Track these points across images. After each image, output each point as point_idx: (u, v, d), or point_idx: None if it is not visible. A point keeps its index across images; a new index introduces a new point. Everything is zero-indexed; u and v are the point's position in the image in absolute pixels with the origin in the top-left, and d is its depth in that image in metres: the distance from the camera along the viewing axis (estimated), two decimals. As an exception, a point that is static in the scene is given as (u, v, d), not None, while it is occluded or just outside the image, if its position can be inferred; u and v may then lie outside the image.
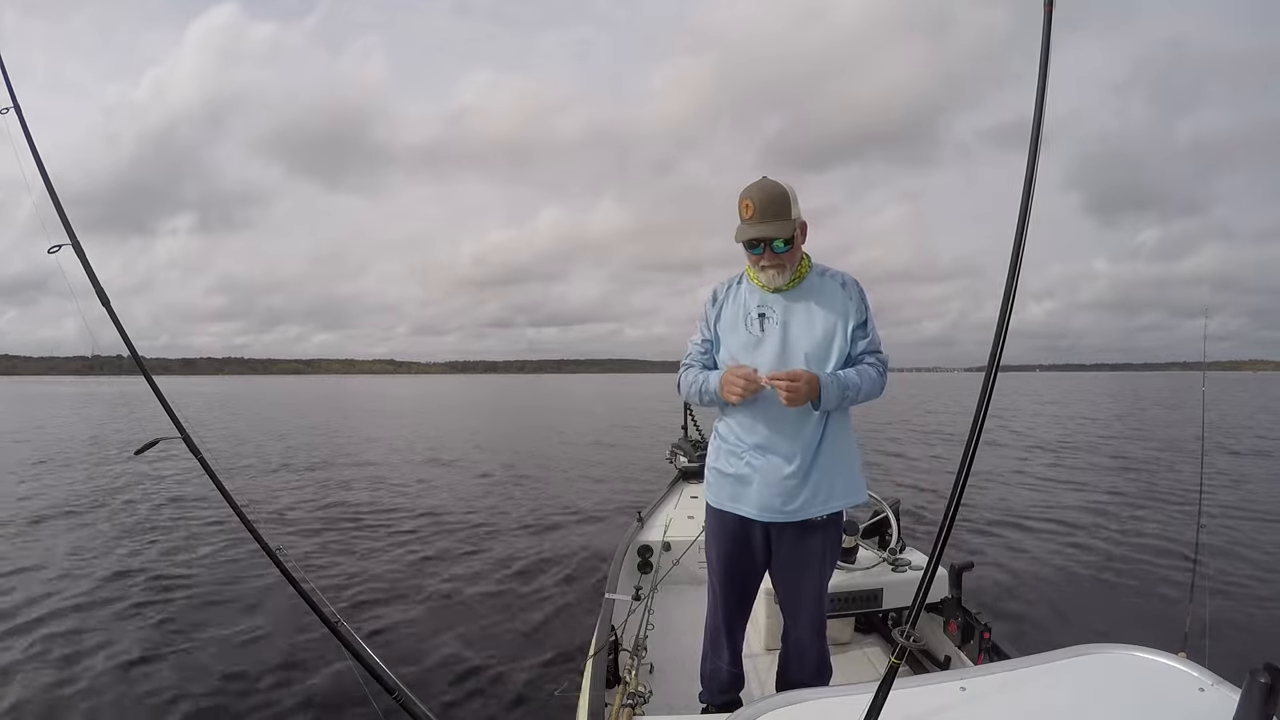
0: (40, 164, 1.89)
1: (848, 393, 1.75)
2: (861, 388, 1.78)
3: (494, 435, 16.69)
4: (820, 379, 1.71)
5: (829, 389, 1.72)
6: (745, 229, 1.77)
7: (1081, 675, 1.21)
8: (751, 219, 1.76)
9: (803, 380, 1.67)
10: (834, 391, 1.73)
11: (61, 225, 1.87)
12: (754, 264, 1.84)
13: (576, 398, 41.55)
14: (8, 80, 1.85)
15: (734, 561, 1.92)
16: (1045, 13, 1.18)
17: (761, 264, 1.81)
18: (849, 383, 1.76)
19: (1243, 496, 7.91)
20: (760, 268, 1.82)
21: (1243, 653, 3.56)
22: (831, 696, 1.19)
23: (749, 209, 1.76)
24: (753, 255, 1.81)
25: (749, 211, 1.76)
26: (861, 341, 1.84)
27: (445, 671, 3.43)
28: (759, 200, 1.75)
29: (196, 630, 3.90)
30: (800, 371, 1.70)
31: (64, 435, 15.27)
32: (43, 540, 5.94)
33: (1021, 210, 1.19)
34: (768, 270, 1.81)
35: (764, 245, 1.77)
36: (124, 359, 1.92)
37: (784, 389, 1.66)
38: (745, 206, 1.76)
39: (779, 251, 1.78)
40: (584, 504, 7.72)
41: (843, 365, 1.82)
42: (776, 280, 1.82)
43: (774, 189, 1.75)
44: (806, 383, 1.67)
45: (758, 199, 1.75)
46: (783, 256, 1.79)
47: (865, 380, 1.79)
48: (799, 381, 1.66)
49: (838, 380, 1.74)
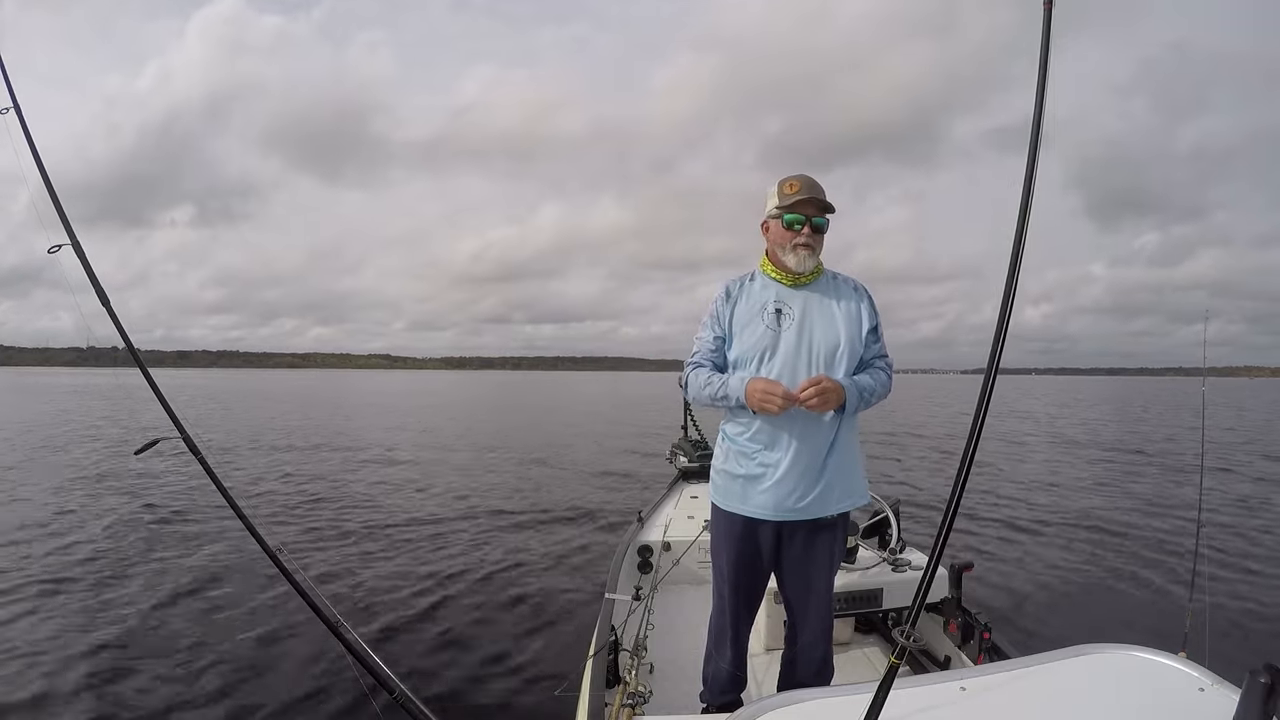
0: (40, 163, 1.88)
1: (865, 396, 1.79)
2: (875, 391, 1.82)
3: (493, 435, 16.68)
4: (844, 385, 1.73)
5: (851, 394, 1.75)
6: (791, 199, 1.78)
7: (1081, 675, 1.21)
8: (798, 192, 1.78)
9: (831, 389, 1.69)
10: (855, 397, 1.76)
11: (61, 225, 1.87)
12: (786, 242, 1.82)
13: (574, 396, 41.56)
14: (8, 80, 1.85)
15: (744, 563, 1.92)
16: (1045, 12, 1.18)
17: (795, 242, 1.80)
18: (865, 387, 1.79)
19: (1243, 496, 7.91)
20: (793, 246, 1.81)
21: (1243, 653, 3.56)
22: (831, 696, 1.18)
23: (794, 186, 1.79)
24: (789, 231, 1.81)
25: (794, 188, 1.78)
26: (874, 345, 1.88)
27: (445, 671, 3.43)
28: (804, 180, 1.80)
29: (196, 630, 3.90)
30: (823, 377, 1.71)
31: (63, 429, 15.27)
32: (42, 540, 5.93)
33: (1021, 211, 1.19)
34: (799, 250, 1.81)
35: (804, 221, 1.78)
36: (119, 350, 1.92)
37: (815, 401, 1.67)
38: (790, 185, 1.79)
39: (818, 226, 1.80)
40: (584, 504, 7.72)
41: (856, 367, 1.83)
42: (806, 263, 1.82)
43: (813, 179, 1.81)
44: (834, 390, 1.69)
45: (802, 180, 1.80)
46: (815, 238, 1.81)
47: (879, 384, 1.84)
48: (829, 391, 1.68)
49: (857, 385, 1.77)
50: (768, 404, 1.70)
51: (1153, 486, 8.81)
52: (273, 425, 18.13)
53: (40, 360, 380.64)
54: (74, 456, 11.24)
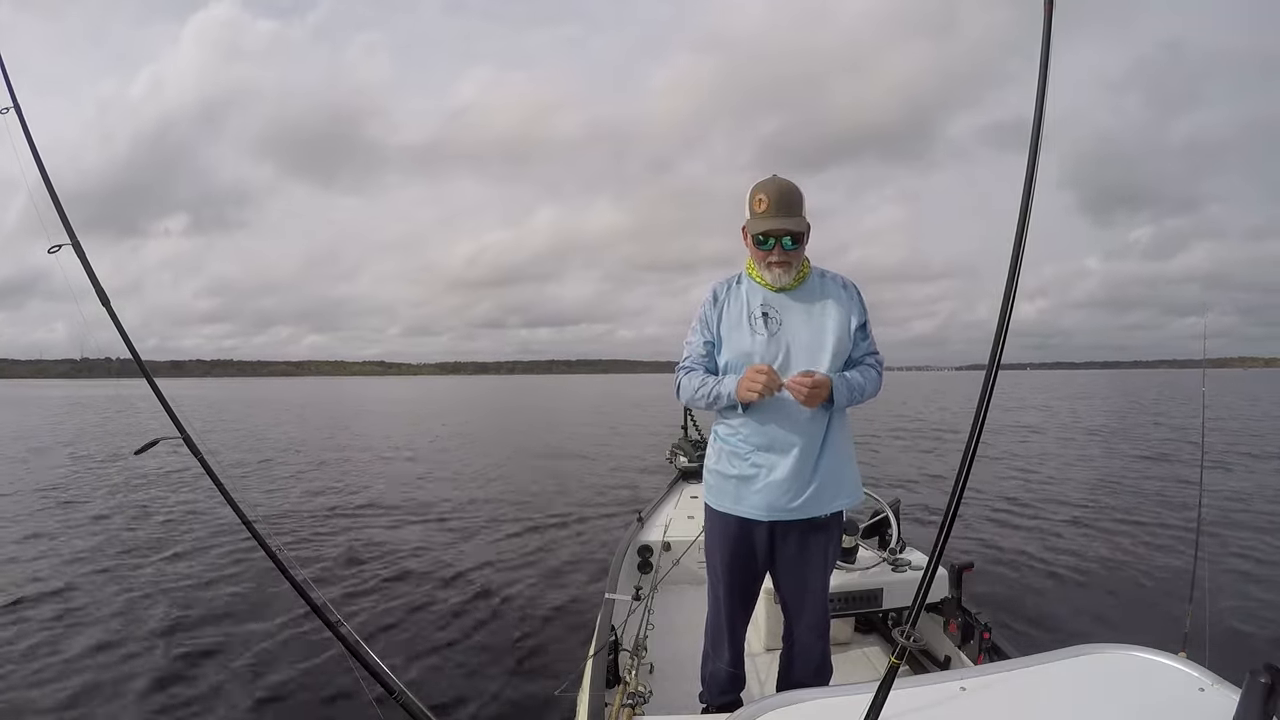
0: (40, 163, 1.88)
1: (854, 393, 1.80)
2: (865, 388, 1.83)
3: (493, 435, 16.69)
4: (833, 380, 1.73)
5: (840, 390, 1.75)
6: (759, 221, 1.75)
7: (1081, 675, 1.21)
8: (765, 212, 1.74)
9: (823, 384, 1.69)
10: (844, 392, 1.76)
11: (61, 225, 1.86)
12: (760, 260, 1.80)
13: (571, 399, 41.53)
14: (8, 80, 1.85)
15: (737, 563, 1.91)
16: (1045, 12, 1.18)
17: (769, 260, 1.78)
18: (855, 384, 1.80)
19: (1243, 496, 7.90)
20: (767, 264, 1.79)
21: (1243, 653, 3.56)
22: (831, 696, 1.18)
23: (763, 203, 1.74)
24: (760, 251, 1.78)
25: (763, 205, 1.74)
26: (863, 343, 1.88)
27: (445, 671, 3.44)
28: (774, 195, 1.73)
29: (196, 631, 3.90)
30: (815, 373, 1.70)
31: (63, 439, 15.28)
32: (43, 541, 5.94)
33: (1021, 210, 1.19)
34: (774, 268, 1.79)
35: (775, 241, 1.75)
36: (113, 361, 1.91)
37: (804, 393, 1.66)
38: (759, 201, 1.74)
39: (788, 249, 1.76)
40: (583, 504, 7.72)
41: (844, 365, 1.83)
42: (782, 279, 1.80)
43: (788, 185, 1.74)
44: (824, 387, 1.70)
45: (772, 193, 1.73)
46: (790, 254, 1.78)
47: (868, 381, 1.84)
48: (820, 387, 1.67)
49: (846, 381, 1.78)
50: (752, 386, 1.67)
51: (1153, 485, 8.80)
52: (270, 431, 18.14)
53: (34, 373, 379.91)
54: (73, 457, 11.23)
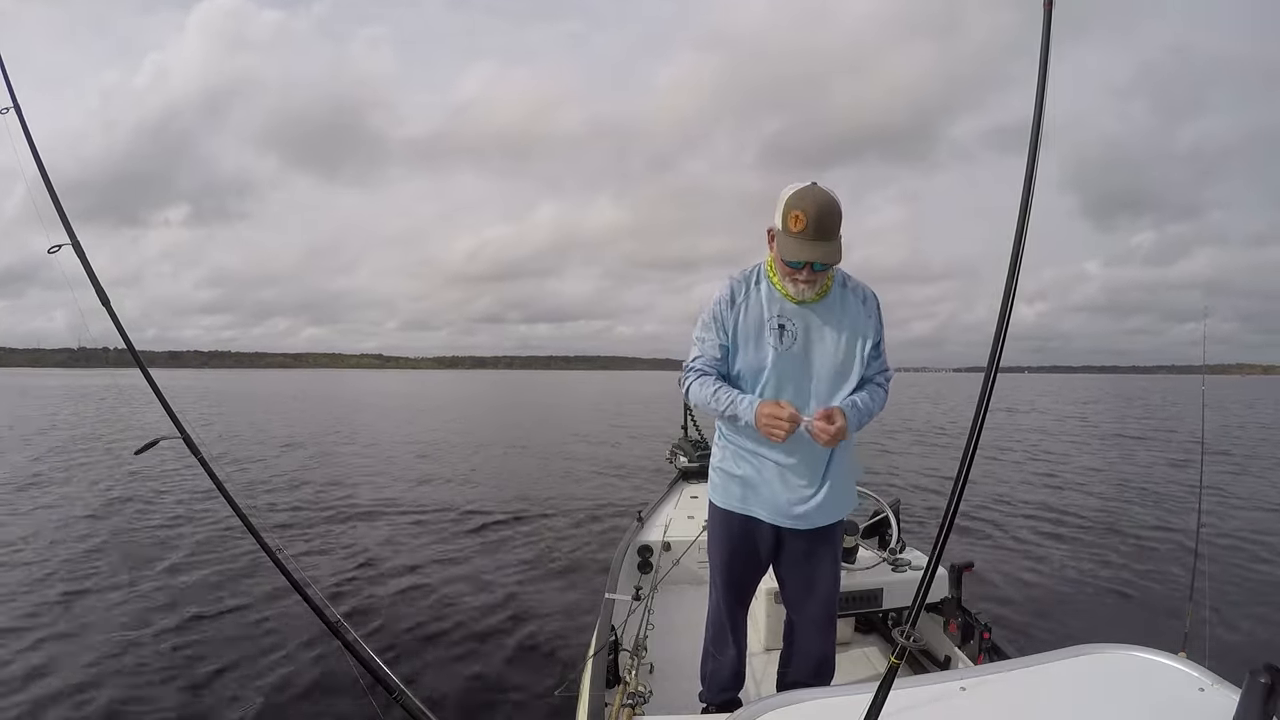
0: (40, 163, 1.88)
1: (863, 419, 1.76)
2: (872, 410, 1.79)
3: (492, 435, 16.68)
4: (847, 416, 1.68)
5: (852, 423, 1.71)
6: (792, 243, 1.60)
7: (1081, 675, 1.21)
8: (802, 233, 1.58)
9: (842, 430, 1.63)
10: (855, 424, 1.73)
11: (61, 225, 1.87)
12: (786, 276, 1.70)
13: (570, 395, 41.54)
14: (8, 80, 1.85)
15: (739, 561, 1.91)
16: (1045, 12, 1.18)
17: (796, 278, 1.68)
18: (864, 410, 1.76)
19: (1243, 495, 7.90)
20: (792, 280, 1.69)
21: (1243, 653, 3.56)
22: (831, 696, 1.19)
23: (799, 221, 1.57)
24: (789, 268, 1.67)
25: (799, 224, 1.57)
26: (875, 361, 1.83)
27: (445, 671, 3.43)
28: (814, 214, 1.56)
29: (196, 631, 3.90)
30: (836, 412, 1.64)
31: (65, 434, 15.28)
32: (41, 539, 5.93)
33: (1021, 211, 1.19)
34: (799, 285, 1.69)
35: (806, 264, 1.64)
36: (110, 351, 1.91)
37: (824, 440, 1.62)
38: (795, 218, 1.57)
39: (818, 269, 1.67)
40: (584, 504, 7.71)
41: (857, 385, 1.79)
42: (805, 294, 1.72)
43: (830, 203, 1.58)
44: (844, 430, 1.64)
45: (813, 212, 1.56)
46: (819, 274, 1.69)
47: (875, 402, 1.80)
48: (838, 427, 1.61)
49: (857, 411, 1.73)
50: (774, 430, 1.61)
51: (1153, 485, 8.81)
52: (267, 425, 18.14)
53: (31, 361, 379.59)
54: (73, 459, 11.24)
